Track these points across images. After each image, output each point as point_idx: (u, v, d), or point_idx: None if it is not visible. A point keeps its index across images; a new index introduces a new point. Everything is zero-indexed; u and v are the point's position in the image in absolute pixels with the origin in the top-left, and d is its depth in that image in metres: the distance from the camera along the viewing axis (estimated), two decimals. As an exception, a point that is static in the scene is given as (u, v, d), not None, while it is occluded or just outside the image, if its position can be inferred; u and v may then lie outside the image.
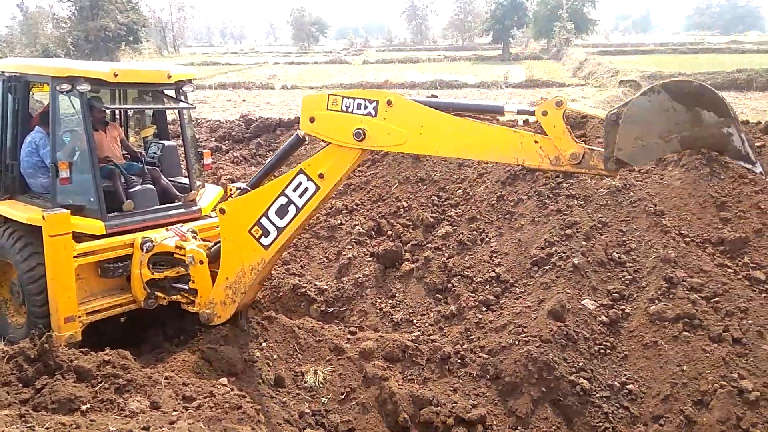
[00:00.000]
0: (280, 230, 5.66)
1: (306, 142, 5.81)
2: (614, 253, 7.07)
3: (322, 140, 5.47)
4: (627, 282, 6.77)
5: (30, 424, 4.26)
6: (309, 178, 5.47)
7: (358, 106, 5.15)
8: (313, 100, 5.42)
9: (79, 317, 5.99)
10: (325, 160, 5.43)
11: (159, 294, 6.35)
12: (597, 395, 5.96)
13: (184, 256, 6.16)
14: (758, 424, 5.18)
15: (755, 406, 5.31)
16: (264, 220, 5.68)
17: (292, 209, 5.59)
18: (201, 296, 6.19)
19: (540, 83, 30.15)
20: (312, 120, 5.39)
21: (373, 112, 5.11)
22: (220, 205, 5.95)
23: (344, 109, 5.21)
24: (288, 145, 5.90)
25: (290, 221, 5.61)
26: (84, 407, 4.63)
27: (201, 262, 6.07)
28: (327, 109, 5.28)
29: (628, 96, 19.99)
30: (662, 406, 5.67)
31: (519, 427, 5.93)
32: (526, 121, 8.74)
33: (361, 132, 5.14)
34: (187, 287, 6.27)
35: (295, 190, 5.53)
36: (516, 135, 4.63)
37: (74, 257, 5.89)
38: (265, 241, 5.72)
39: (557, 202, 7.84)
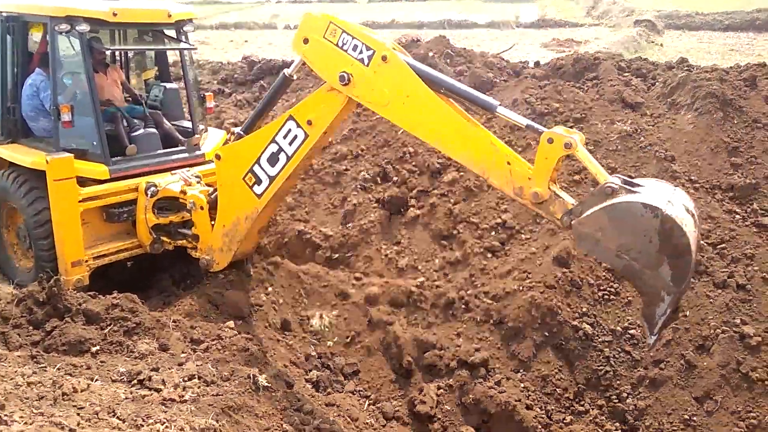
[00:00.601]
0: (271, 179, 5.49)
1: (295, 80, 5.50)
2: (622, 200, 7.00)
3: (309, 68, 5.23)
4: (634, 229, 6.73)
5: (42, 365, 4.36)
6: (298, 125, 5.25)
7: (354, 48, 4.82)
8: (313, 19, 5.06)
9: (86, 261, 6.04)
10: (313, 105, 5.22)
11: (164, 239, 6.38)
12: (599, 340, 6.03)
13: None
14: (758, 368, 5.25)
15: (756, 351, 5.36)
16: (256, 168, 5.52)
17: (282, 157, 5.40)
18: (202, 242, 6.19)
19: (552, 23, 29.24)
20: (306, 41, 5.08)
21: (366, 60, 4.78)
22: (217, 151, 5.87)
23: (340, 44, 4.88)
24: (275, 86, 5.64)
25: (281, 170, 5.43)
26: (94, 349, 4.73)
27: (201, 208, 6.04)
28: (323, 37, 4.96)
29: (642, 37, 19.42)
30: (663, 350, 5.73)
31: (521, 370, 6.03)
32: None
33: (346, 76, 4.84)
34: (190, 232, 6.28)
35: (285, 137, 5.32)
36: (491, 149, 4.39)
37: (79, 202, 5.89)
38: (257, 189, 5.58)
39: (566, 147, 7.70)
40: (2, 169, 6.55)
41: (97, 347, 4.76)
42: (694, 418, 5.30)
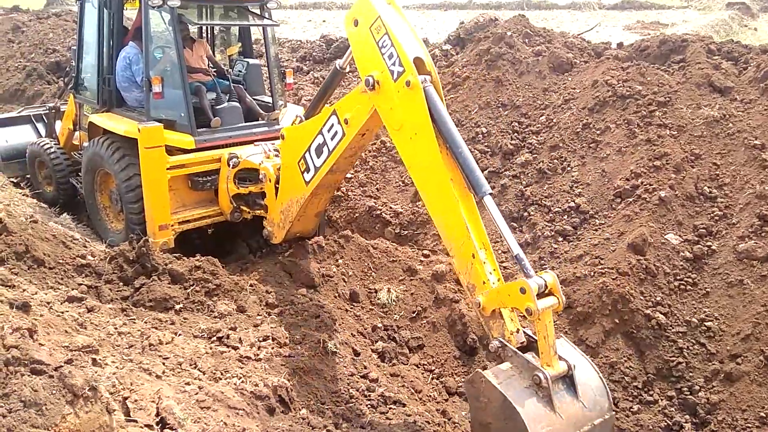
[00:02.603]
0: (316, 169, 5.47)
1: (346, 72, 5.31)
2: (705, 188, 6.73)
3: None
4: (716, 218, 6.46)
5: (131, 318, 4.70)
6: (338, 121, 5.12)
7: (390, 56, 4.45)
8: (366, 4, 4.70)
9: (172, 226, 6.40)
10: (350, 103, 5.03)
11: (243, 208, 6.66)
12: (672, 330, 5.86)
13: None
14: None
15: None
16: (307, 155, 5.51)
17: (325, 150, 5.31)
18: (269, 213, 6.40)
19: (637, 5, 27.89)
20: (356, 24, 4.77)
21: (395, 75, 4.43)
22: (282, 130, 6.01)
23: (380, 44, 4.52)
24: (329, 78, 5.62)
25: (323, 162, 5.36)
26: (177, 306, 5.05)
27: (270, 181, 6.23)
28: (369, 28, 4.61)
29: (734, 20, 18.28)
30: (741, 345, 5.51)
31: (588, 355, 5.94)
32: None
33: (372, 81, 4.55)
34: (263, 203, 6.52)
35: (329, 130, 5.23)
36: (463, 235, 4.08)
37: (167, 169, 6.24)
38: (306, 176, 5.60)
39: (648, 131, 7.45)
40: (97, 136, 7.01)
41: (181, 305, 5.08)
42: (772, 417, 5.08)
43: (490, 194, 4.15)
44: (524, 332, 3.97)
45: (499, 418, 3.56)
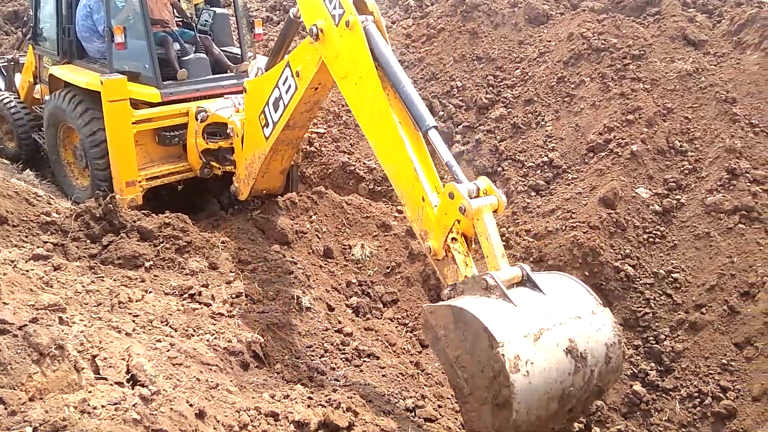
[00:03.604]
0: (274, 124, 5.31)
1: (301, 20, 5.07)
2: (676, 142, 6.78)
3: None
4: (686, 172, 6.54)
5: (99, 275, 4.62)
6: (291, 74, 4.96)
7: (330, 1, 4.31)
8: None
9: (140, 182, 6.25)
10: (301, 55, 4.84)
11: (213, 163, 6.51)
12: (640, 282, 5.99)
13: None
14: (805, 318, 5.14)
15: (804, 301, 5.25)
16: (266, 109, 5.35)
17: (281, 104, 5.16)
18: (237, 169, 6.27)
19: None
20: None
21: (336, 20, 4.29)
22: (244, 83, 5.82)
23: None
24: (285, 27, 5.42)
25: (280, 117, 5.21)
26: (147, 264, 4.97)
27: (238, 135, 6.07)
28: None
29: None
30: (706, 295, 5.66)
31: (559, 308, 6.07)
32: None
33: (316, 30, 4.41)
34: (233, 159, 6.38)
35: (284, 83, 5.06)
36: (412, 178, 3.85)
37: (132, 123, 6.04)
38: (266, 131, 5.45)
39: (621, 85, 7.44)
40: (59, 90, 6.74)
41: (151, 262, 5.00)
42: (732, 363, 5.26)
43: (435, 128, 3.94)
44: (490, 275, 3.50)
45: (460, 339, 3.21)
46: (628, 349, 5.74)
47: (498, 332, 3.04)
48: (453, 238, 3.63)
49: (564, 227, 6.42)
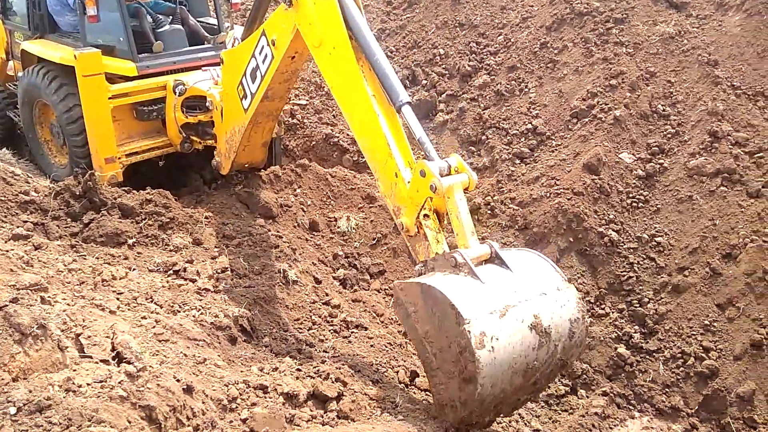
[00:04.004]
0: (252, 95, 5.22)
1: None
2: (659, 106, 6.78)
3: None
4: (669, 135, 6.56)
5: (81, 254, 4.56)
6: (267, 42, 4.88)
7: None
8: None
9: (119, 158, 6.14)
10: (276, 23, 4.74)
11: (193, 138, 6.41)
12: (624, 246, 6.04)
13: None
14: (785, 278, 5.23)
15: (784, 261, 5.32)
16: (244, 81, 5.26)
17: (258, 75, 5.07)
18: (218, 143, 6.17)
19: None
20: None
21: None
22: (221, 54, 5.70)
23: None
24: None
25: (258, 88, 5.11)
26: (130, 241, 4.92)
27: (217, 108, 5.96)
28: None
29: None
30: (689, 258, 5.73)
31: (544, 274, 6.11)
32: None
33: None
34: (212, 132, 6.28)
35: (260, 53, 4.97)
36: (387, 151, 3.84)
37: (109, 98, 5.91)
38: (244, 103, 5.36)
39: (604, 50, 7.39)
40: (32, 65, 6.56)
41: (134, 239, 4.95)
42: (714, 324, 5.36)
43: (408, 103, 3.93)
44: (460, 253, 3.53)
45: (429, 315, 3.31)
46: (613, 313, 5.82)
47: (464, 309, 3.13)
48: (425, 215, 3.68)
49: (548, 194, 6.44)
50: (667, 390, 5.29)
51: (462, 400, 3.22)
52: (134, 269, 4.48)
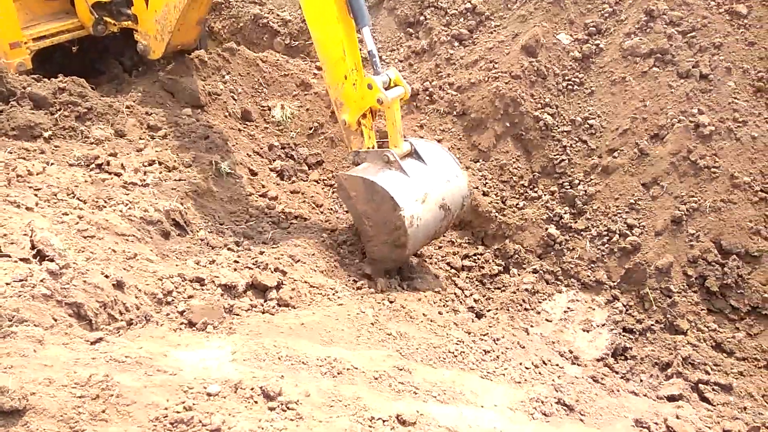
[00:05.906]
0: None
1: None
2: (598, -17, 6.61)
3: None
4: (606, 15, 6.46)
5: (-8, 149, 4.23)
6: None
7: None
8: None
9: (26, 43, 5.61)
10: None
11: (107, 19, 5.88)
12: (558, 130, 6.11)
13: None
14: (706, 156, 5.44)
15: (708, 140, 5.51)
16: None
17: None
18: (140, 25, 5.76)
19: None
20: None
21: None
22: None
23: None
24: None
25: None
26: (46, 134, 4.60)
27: None
28: None
29: None
30: (619, 139, 5.86)
31: (480, 160, 6.17)
32: None
33: None
34: (130, 12, 5.77)
35: None
36: (339, 54, 4.35)
37: (4, -25, 5.27)
38: None
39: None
40: None
41: (49, 132, 4.63)
42: (639, 202, 5.60)
43: (368, 27, 4.43)
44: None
45: (368, 200, 4.37)
46: (545, 195, 5.99)
47: (400, 199, 4.28)
48: (363, 115, 4.51)
49: (486, 78, 6.34)
50: (592, 266, 5.58)
51: (393, 258, 4.57)
52: (53, 164, 4.22)
